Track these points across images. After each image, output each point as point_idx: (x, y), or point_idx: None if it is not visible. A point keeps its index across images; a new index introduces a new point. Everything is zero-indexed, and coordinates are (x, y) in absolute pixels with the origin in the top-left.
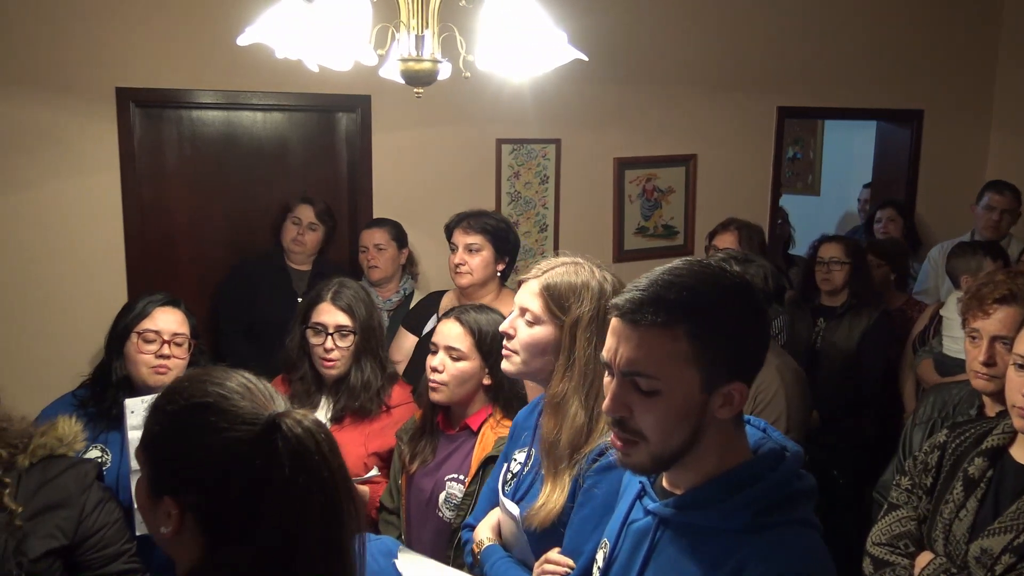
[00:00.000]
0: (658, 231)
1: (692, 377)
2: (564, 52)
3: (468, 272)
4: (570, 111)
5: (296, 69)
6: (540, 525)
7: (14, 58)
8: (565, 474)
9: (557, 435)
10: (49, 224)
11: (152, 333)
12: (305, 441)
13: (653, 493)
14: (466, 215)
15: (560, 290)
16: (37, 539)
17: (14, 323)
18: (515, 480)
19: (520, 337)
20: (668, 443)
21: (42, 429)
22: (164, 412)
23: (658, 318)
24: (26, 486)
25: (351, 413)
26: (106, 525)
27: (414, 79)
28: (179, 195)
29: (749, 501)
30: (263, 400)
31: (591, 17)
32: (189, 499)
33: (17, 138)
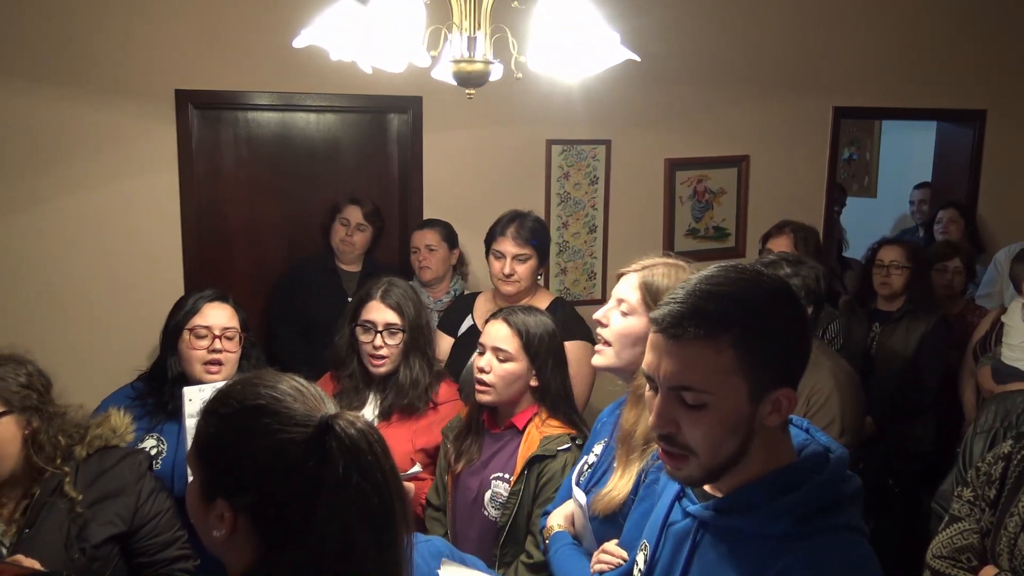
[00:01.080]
0: (709, 233)
1: (739, 387)
2: (617, 52)
3: (517, 281)
4: (621, 111)
5: (349, 71)
6: (602, 512)
7: (79, 63)
8: (635, 464)
9: (634, 426)
10: (110, 223)
11: (203, 329)
12: (358, 442)
13: (692, 494)
14: (509, 221)
15: (659, 287)
16: (98, 525)
17: (78, 317)
18: (590, 471)
19: (613, 326)
20: (718, 455)
21: (97, 421)
22: (217, 415)
23: (700, 331)
24: (84, 475)
25: (398, 410)
26: (160, 513)
27: (466, 80)
28: (234, 195)
29: (793, 506)
30: (314, 403)
31: (643, 17)
32: (242, 501)
33: (81, 140)
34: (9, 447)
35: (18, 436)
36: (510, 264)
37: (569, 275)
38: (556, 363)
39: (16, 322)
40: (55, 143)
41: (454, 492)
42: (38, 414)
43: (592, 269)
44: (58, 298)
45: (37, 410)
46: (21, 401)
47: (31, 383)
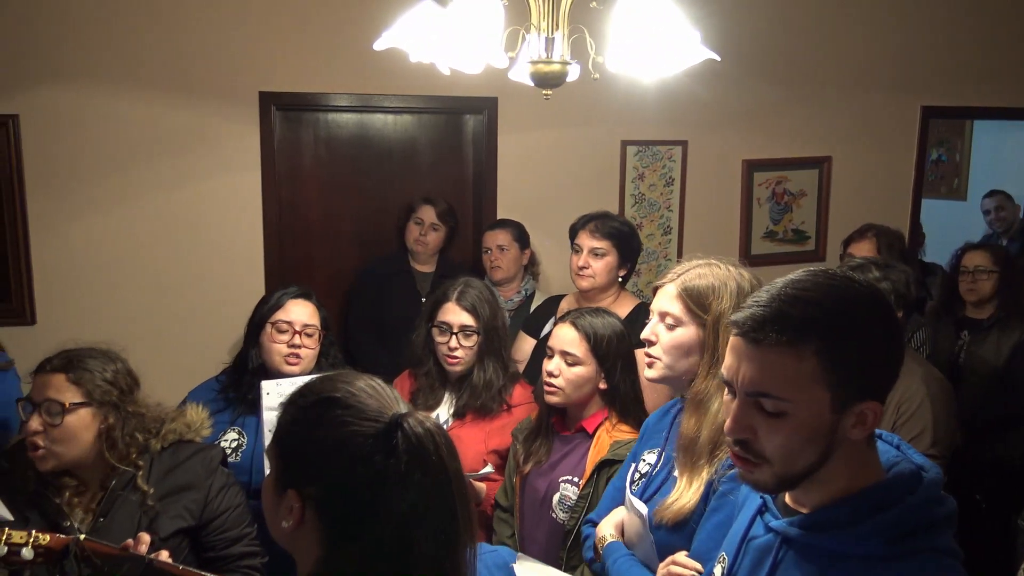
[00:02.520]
0: (788, 236)
1: (821, 397)
2: (697, 52)
3: (591, 276)
4: (698, 112)
5: (426, 72)
6: (671, 520)
7: (169, 66)
8: (703, 471)
9: (697, 432)
10: (195, 220)
11: (285, 324)
12: (425, 441)
13: (775, 509)
14: (593, 217)
15: (699, 289)
16: (167, 519)
17: (165, 311)
18: (644, 480)
19: (662, 342)
20: (794, 465)
21: (172, 415)
22: (296, 406)
23: (783, 336)
24: (158, 468)
25: (472, 411)
26: (229, 508)
27: (543, 81)
28: (313, 194)
29: (884, 526)
30: (388, 401)
31: (723, 15)
32: (310, 491)
33: (171, 140)
34: (82, 436)
35: (92, 428)
36: (585, 258)
37: (643, 277)
38: (625, 366)
39: (107, 315)
40: (146, 143)
41: (522, 493)
42: (115, 411)
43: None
44: (147, 292)
45: (115, 407)
46: (102, 396)
47: (115, 380)
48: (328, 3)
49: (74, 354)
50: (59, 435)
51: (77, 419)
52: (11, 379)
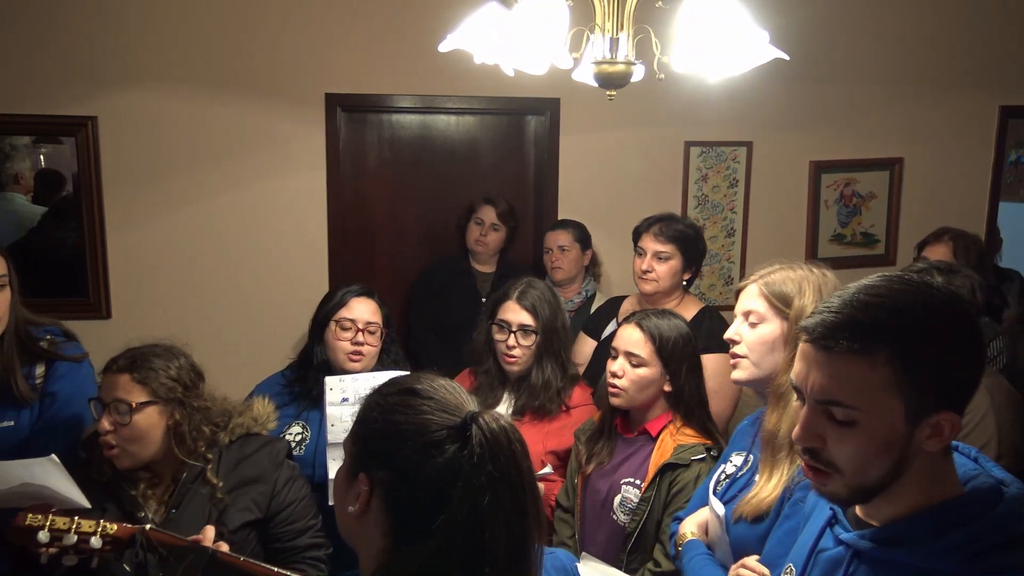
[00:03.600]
0: (856, 239)
1: (895, 407)
2: (765, 51)
3: (655, 279)
4: (763, 112)
5: (489, 73)
6: (750, 515)
7: (237, 69)
8: (783, 465)
9: (777, 426)
10: (263, 219)
11: (348, 322)
12: (498, 437)
13: (846, 522)
14: (657, 219)
15: (780, 286)
16: (236, 511)
17: (232, 307)
18: (728, 481)
19: (747, 339)
20: (866, 476)
21: (240, 409)
22: (380, 394)
23: (854, 344)
24: (226, 461)
25: (530, 411)
26: (295, 501)
27: (607, 81)
28: (377, 194)
29: (964, 542)
30: (465, 400)
31: (791, 14)
32: (381, 475)
33: (238, 141)
34: (152, 433)
35: (160, 425)
36: (649, 261)
37: (705, 280)
38: (690, 369)
39: (178, 310)
40: (217, 144)
41: (583, 494)
42: (181, 407)
43: (729, 274)
44: (216, 288)
45: (181, 403)
46: (167, 393)
47: (179, 376)
48: (392, 6)
49: (138, 353)
50: (129, 434)
51: (145, 418)
52: (85, 370)
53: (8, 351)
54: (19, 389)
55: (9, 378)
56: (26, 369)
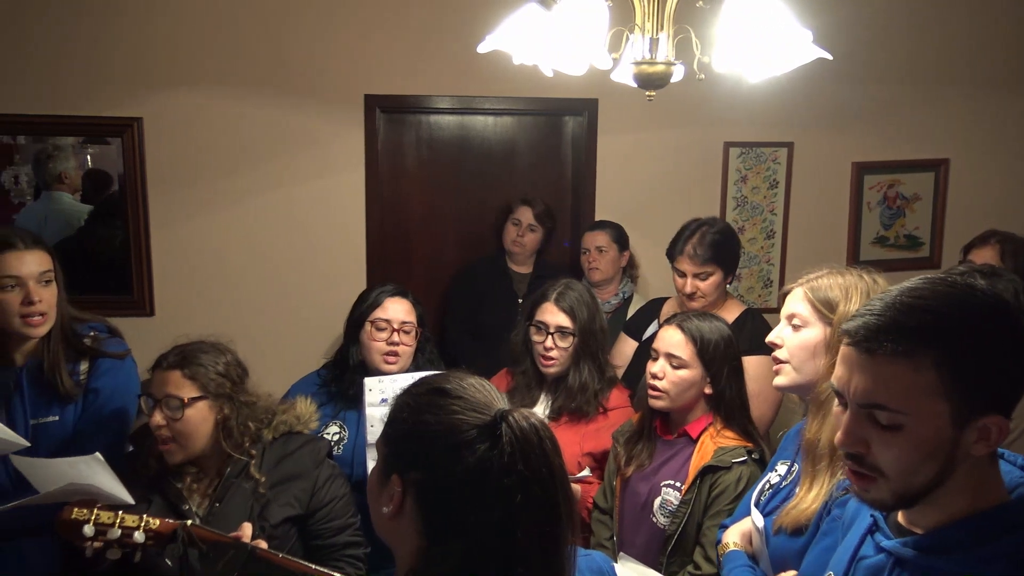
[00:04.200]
0: (900, 241)
1: (941, 410)
2: (808, 51)
3: (702, 297)
4: (805, 112)
5: (527, 74)
6: (789, 526)
7: (278, 71)
8: (824, 476)
9: (818, 435)
10: (302, 219)
11: (383, 322)
12: (529, 435)
13: (887, 529)
14: (687, 237)
15: (826, 291)
16: (277, 506)
17: (272, 305)
18: (771, 491)
19: (788, 344)
20: (912, 481)
21: (283, 407)
22: (409, 394)
23: (898, 347)
24: (269, 458)
25: (567, 413)
26: (335, 499)
27: (647, 82)
28: (415, 195)
29: (1009, 550)
30: (494, 398)
31: (834, 13)
32: (413, 476)
33: (279, 141)
34: (202, 428)
35: (210, 420)
36: (691, 283)
37: (744, 282)
38: (732, 371)
39: (219, 308)
40: (258, 144)
41: (622, 496)
42: (229, 402)
43: (768, 276)
44: (256, 287)
45: (229, 398)
46: (216, 388)
47: (227, 372)
48: (431, 8)
49: (188, 350)
50: (181, 428)
51: (196, 412)
52: (128, 366)
53: (54, 347)
54: (64, 385)
55: (55, 374)
56: (71, 365)
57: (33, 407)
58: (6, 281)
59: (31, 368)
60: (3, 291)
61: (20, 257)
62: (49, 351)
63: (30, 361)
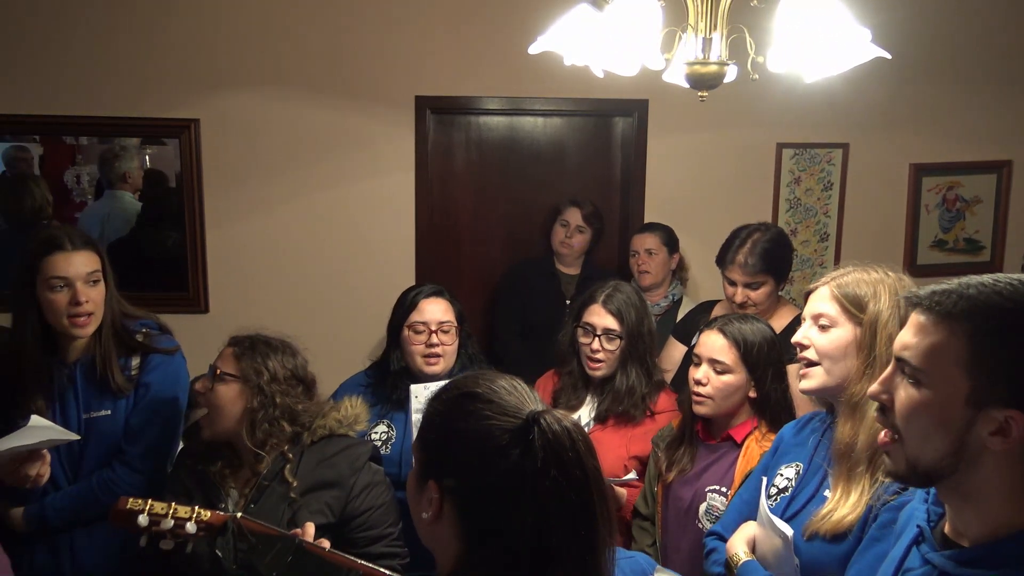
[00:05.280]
0: (959, 245)
1: (959, 383)
2: (866, 51)
3: (753, 306)
4: (861, 113)
5: (577, 74)
6: (829, 533)
7: (330, 72)
8: (862, 481)
9: (853, 438)
10: (353, 219)
11: (421, 324)
12: (561, 438)
13: (933, 540)
14: (737, 246)
15: (854, 289)
16: (308, 513)
17: (322, 305)
18: (784, 496)
19: (817, 345)
20: (923, 450)
21: (325, 410)
22: (440, 400)
23: (942, 308)
24: (307, 461)
25: (614, 416)
26: (372, 508)
27: (700, 82)
28: (464, 196)
29: None
30: (526, 399)
31: (893, 11)
32: (449, 483)
33: (331, 142)
34: (229, 408)
35: (239, 404)
36: (742, 293)
37: (796, 285)
38: (776, 373)
39: (271, 306)
40: (310, 145)
41: (665, 502)
42: (261, 396)
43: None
44: (308, 285)
45: (261, 392)
46: (253, 377)
47: (274, 369)
48: (482, 9)
49: (255, 337)
50: (211, 399)
51: (226, 389)
52: (178, 362)
53: (105, 344)
54: (115, 380)
55: (106, 369)
56: (122, 361)
57: (86, 401)
58: (55, 282)
59: (84, 364)
60: (52, 291)
61: (68, 258)
62: (101, 347)
63: (83, 357)
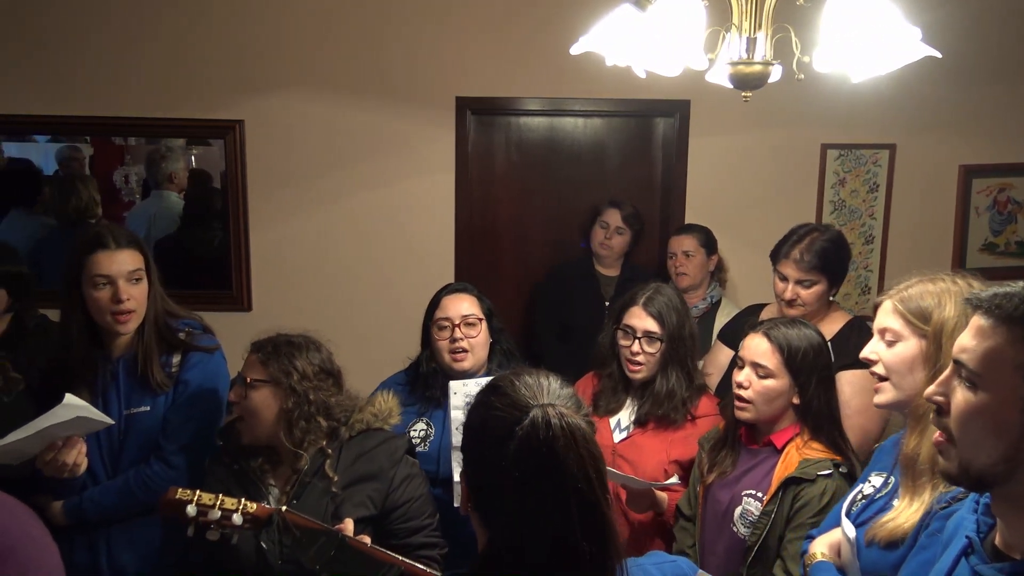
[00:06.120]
0: (1010, 248)
1: (1015, 388)
2: (916, 50)
3: (801, 305)
4: (908, 113)
5: (618, 75)
6: (884, 539)
7: (372, 74)
8: (924, 491)
9: (917, 449)
10: (394, 219)
11: (444, 320)
12: (540, 432)
13: (983, 552)
14: (795, 241)
15: (919, 300)
16: (351, 506)
17: (362, 304)
18: (864, 502)
19: (884, 359)
20: (976, 455)
21: (361, 404)
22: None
23: (1002, 311)
24: (346, 456)
25: (654, 419)
26: (410, 500)
27: (744, 83)
28: (503, 197)
29: None
30: (542, 395)
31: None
32: (468, 472)
33: (372, 143)
34: (264, 412)
35: (273, 407)
36: (792, 289)
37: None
38: (821, 381)
39: (312, 305)
40: (352, 146)
41: (704, 503)
42: (294, 396)
43: (866, 283)
44: (348, 285)
45: (294, 391)
46: (284, 378)
47: (303, 367)
48: (523, 10)
49: (278, 339)
50: (246, 406)
51: (259, 396)
52: (217, 361)
53: (147, 341)
54: (155, 377)
55: (147, 366)
56: (163, 358)
57: (127, 397)
58: (98, 279)
59: (127, 360)
60: (96, 289)
61: (111, 256)
62: (143, 345)
63: (127, 353)
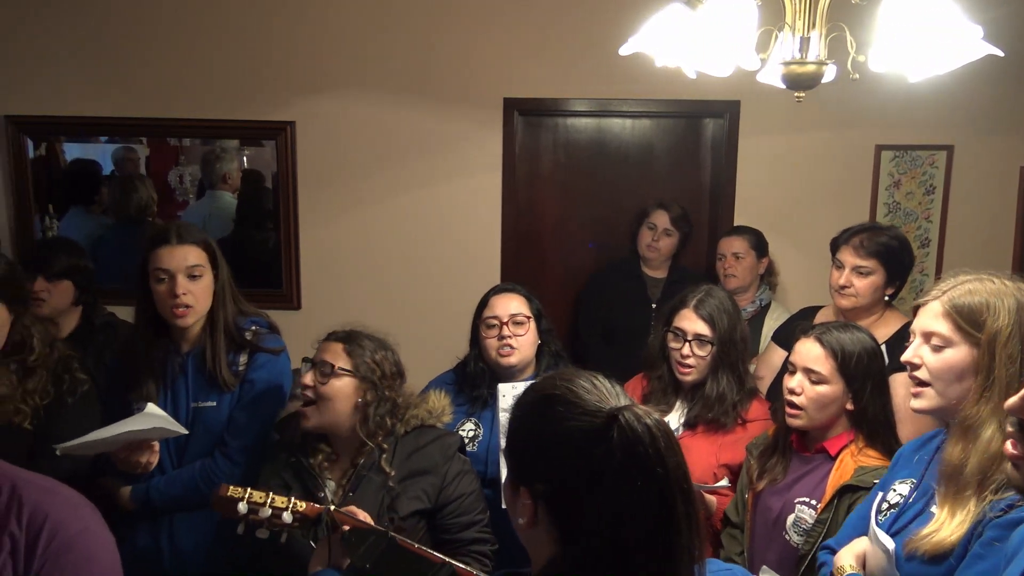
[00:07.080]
0: None
1: None
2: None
3: (853, 295)
4: (967, 114)
5: (666, 75)
6: (929, 553)
7: (421, 75)
8: (969, 503)
9: (963, 460)
10: (441, 220)
11: (492, 319)
12: (641, 435)
13: None
14: (858, 231)
15: (971, 305)
16: (406, 499)
17: (410, 303)
18: (894, 512)
19: (929, 365)
20: None
21: (416, 401)
22: (521, 405)
23: None
24: (401, 451)
25: (704, 423)
26: (463, 495)
27: (797, 83)
28: (550, 198)
29: None
30: (607, 396)
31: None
32: (539, 488)
33: (421, 144)
34: (342, 401)
35: (352, 398)
36: (847, 275)
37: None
38: (876, 386)
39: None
40: (400, 146)
41: (754, 510)
42: (374, 390)
43: (922, 287)
44: (396, 284)
45: (374, 386)
46: (366, 372)
47: (381, 364)
48: (571, 10)
49: (356, 332)
50: (324, 392)
51: (341, 384)
52: (283, 362)
53: (216, 339)
54: (223, 375)
55: (215, 364)
56: (231, 356)
57: (194, 391)
58: (159, 273)
59: (196, 355)
60: (157, 283)
61: (171, 252)
62: (212, 342)
63: (195, 348)
